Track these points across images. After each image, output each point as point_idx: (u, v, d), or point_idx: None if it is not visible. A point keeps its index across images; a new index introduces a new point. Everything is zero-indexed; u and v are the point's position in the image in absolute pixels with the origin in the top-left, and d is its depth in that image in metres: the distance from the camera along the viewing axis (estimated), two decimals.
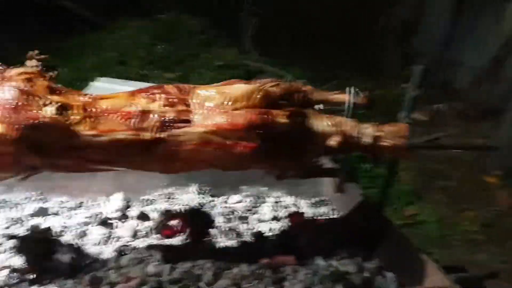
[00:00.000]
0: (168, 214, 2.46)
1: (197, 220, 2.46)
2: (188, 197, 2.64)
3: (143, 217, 2.43)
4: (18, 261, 1.97)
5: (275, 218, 2.63)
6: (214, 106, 1.83)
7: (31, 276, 1.90)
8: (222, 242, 2.37)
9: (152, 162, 1.81)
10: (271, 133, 1.87)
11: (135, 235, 2.32)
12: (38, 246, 2.05)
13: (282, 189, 2.87)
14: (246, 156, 1.84)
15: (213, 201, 2.67)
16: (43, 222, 2.26)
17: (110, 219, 2.39)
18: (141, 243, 2.27)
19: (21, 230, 2.18)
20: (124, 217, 2.43)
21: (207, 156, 1.85)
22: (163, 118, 1.77)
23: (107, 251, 2.16)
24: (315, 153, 2.06)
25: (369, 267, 2.32)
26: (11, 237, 2.11)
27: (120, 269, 2.05)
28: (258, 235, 2.47)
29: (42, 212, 2.31)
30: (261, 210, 2.68)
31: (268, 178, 2.62)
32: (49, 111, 1.63)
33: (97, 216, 2.37)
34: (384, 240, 2.43)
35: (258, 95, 1.88)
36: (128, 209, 2.48)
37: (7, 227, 2.18)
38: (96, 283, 1.95)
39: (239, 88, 1.90)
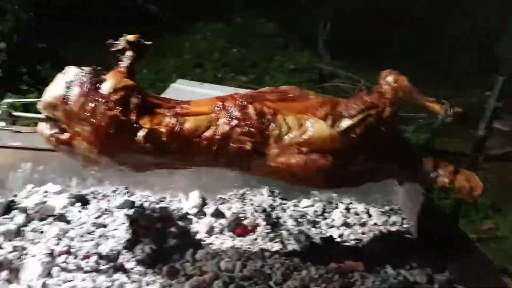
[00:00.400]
0: (240, 215, 2.57)
1: (267, 221, 2.56)
2: (260, 198, 2.73)
3: (218, 214, 2.55)
4: (106, 248, 2.14)
5: (345, 225, 2.66)
6: (290, 142, 1.87)
7: (116, 264, 2.07)
8: (292, 244, 2.43)
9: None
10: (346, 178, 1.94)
11: (210, 231, 2.44)
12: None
13: (353, 196, 2.89)
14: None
15: (284, 204, 2.75)
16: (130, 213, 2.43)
17: (188, 214, 2.53)
18: (215, 239, 2.39)
19: (109, 220, 2.37)
20: (201, 213, 2.56)
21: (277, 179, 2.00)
22: (240, 149, 1.87)
23: (184, 244, 2.29)
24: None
25: (440, 279, 2.31)
26: (99, 226, 2.31)
27: (195, 263, 2.18)
28: (328, 239, 2.51)
29: (129, 205, 2.50)
30: (332, 216, 2.72)
31: None
32: (139, 136, 1.77)
33: (178, 211, 2.52)
34: (457, 252, 2.39)
35: (337, 144, 1.89)
36: (205, 207, 2.61)
37: (97, 217, 2.38)
38: (173, 274, 2.08)
39: (320, 130, 1.89)
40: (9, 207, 2.31)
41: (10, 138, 2.44)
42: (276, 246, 2.40)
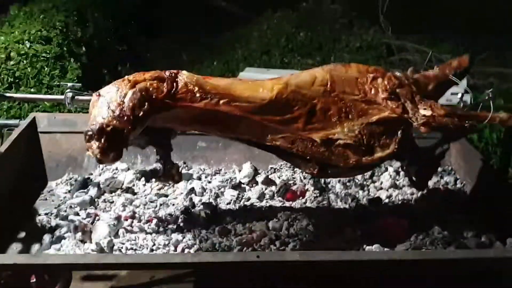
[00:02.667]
0: (290, 181, 2.72)
1: (316, 186, 2.68)
2: None
3: (268, 182, 2.72)
4: (165, 213, 2.40)
5: (394, 186, 2.71)
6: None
7: (174, 226, 2.32)
8: (339, 205, 2.54)
9: None
10: None
11: (261, 198, 2.61)
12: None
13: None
14: None
15: None
16: (188, 185, 2.68)
17: (241, 183, 2.73)
18: (265, 204, 2.57)
19: (170, 191, 2.63)
20: (253, 182, 2.75)
21: None
22: None
23: (237, 209, 2.49)
24: None
25: (488, 234, 2.30)
26: (161, 195, 2.58)
27: (246, 224, 2.37)
28: (375, 200, 2.59)
29: (187, 177, 2.75)
30: (381, 179, 2.78)
31: None
32: None
33: (231, 180, 2.72)
34: (508, 208, 2.35)
35: None
36: (257, 176, 2.79)
37: (159, 188, 2.65)
38: (224, 233, 2.29)
39: None
40: (86, 183, 2.65)
41: (83, 124, 2.77)
42: (323, 209, 2.52)
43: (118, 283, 2.98)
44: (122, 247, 2.13)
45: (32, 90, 3.96)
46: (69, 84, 2.20)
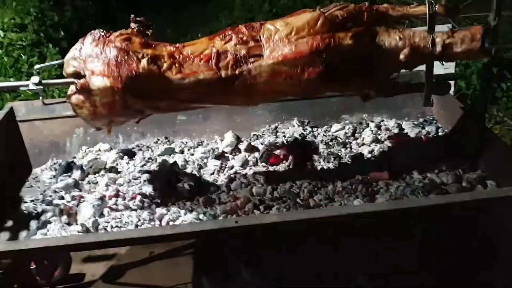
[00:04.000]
0: (273, 145, 2.72)
1: (298, 148, 2.69)
2: (291, 130, 2.86)
3: (251, 149, 2.73)
4: (149, 189, 2.42)
5: (376, 141, 2.72)
6: (280, 38, 2.00)
7: (158, 200, 2.34)
8: (322, 165, 2.55)
9: (233, 96, 2.06)
10: (337, 56, 1.98)
11: (245, 165, 2.62)
12: (165, 177, 2.50)
13: (385, 113, 2.92)
14: (315, 81, 1.99)
15: (315, 131, 2.85)
16: (170, 159, 2.69)
17: (225, 153, 2.74)
18: (249, 171, 2.58)
19: (153, 167, 2.65)
20: (236, 150, 2.75)
21: (280, 86, 2.04)
22: (236, 56, 2.01)
23: (220, 179, 2.51)
24: (389, 69, 2.10)
25: (469, 177, 2.31)
26: (145, 172, 2.59)
27: (230, 192, 2.39)
28: (357, 156, 2.60)
29: (169, 151, 2.76)
30: (362, 135, 2.78)
31: (370, 105, 2.73)
32: (143, 62, 1.98)
33: (213, 151, 2.73)
34: (490, 153, 2.36)
35: (320, 21, 1.99)
36: (240, 144, 2.79)
37: (143, 165, 2.66)
38: (209, 203, 2.31)
39: (302, 17, 2.04)
40: (70, 167, 2.66)
41: (62, 108, 2.77)
42: (306, 169, 2.53)
43: (119, 262, 3.07)
44: (107, 226, 2.15)
45: (11, 79, 3.94)
46: (37, 66, 2.18)
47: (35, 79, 2.09)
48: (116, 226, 2.16)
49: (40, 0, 5.14)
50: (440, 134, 2.75)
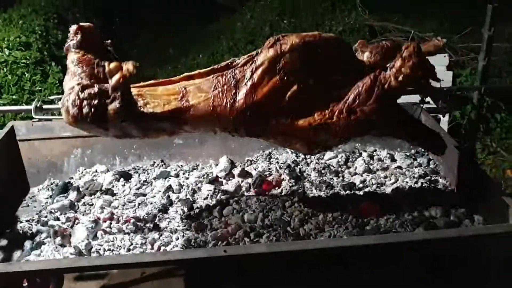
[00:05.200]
0: (265, 172, 2.77)
1: (291, 175, 2.73)
2: (285, 156, 2.91)
3: (245, 174, 2.78)
4: (142, 212, 2.46)
5: (368, 171, 2.77)
6: None
7: (151, 225, 2.38)
8: (314, 193, 2.60)
9: None
10: None
11: (238, 190, 2.67)
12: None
13: (378, 143, 2.97)
14: None
15: (309, 158, 2.90)
16: (165, 183, 2.74)
17: (218, 177, 2.79)
18: (242, 197, 2.62)
19: (148, 190, 2.69)
20: (230, 175, 2.80)
21: None
22: None
23: (213, 204, 2.55)
24: None
25: (457, 213, 2.36)
26: (139, 195, 2.64)
27: (222, 218, 2.43)
28: (349, 186, 2.64)
29: (165, 175, 2.80)
30: (355, 164, 2.84)
31: None
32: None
33: (208, 175, 2.78)
34: (480, 191, 2.39)
35: None
36: (234, 169, 2.84)
37: (138, 188, 2.71)
38: (200, 228, 2.35)
39: None
40: (66, 187, 2.71)
41: (61, 129, 2.83)
42: (298, 197, 2.57)
43: (110, 281, 3.09)
44: (100, 249, 2.19)
45: (14, 97, 4.00)
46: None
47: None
48: (109, 250, 2.19)
49: (45, 18, 5.23)
50: (431, 166, 2.80)
